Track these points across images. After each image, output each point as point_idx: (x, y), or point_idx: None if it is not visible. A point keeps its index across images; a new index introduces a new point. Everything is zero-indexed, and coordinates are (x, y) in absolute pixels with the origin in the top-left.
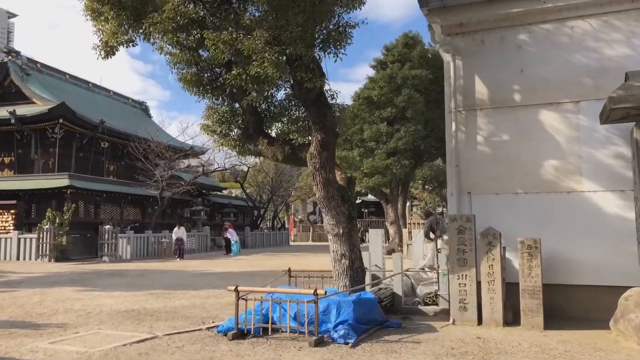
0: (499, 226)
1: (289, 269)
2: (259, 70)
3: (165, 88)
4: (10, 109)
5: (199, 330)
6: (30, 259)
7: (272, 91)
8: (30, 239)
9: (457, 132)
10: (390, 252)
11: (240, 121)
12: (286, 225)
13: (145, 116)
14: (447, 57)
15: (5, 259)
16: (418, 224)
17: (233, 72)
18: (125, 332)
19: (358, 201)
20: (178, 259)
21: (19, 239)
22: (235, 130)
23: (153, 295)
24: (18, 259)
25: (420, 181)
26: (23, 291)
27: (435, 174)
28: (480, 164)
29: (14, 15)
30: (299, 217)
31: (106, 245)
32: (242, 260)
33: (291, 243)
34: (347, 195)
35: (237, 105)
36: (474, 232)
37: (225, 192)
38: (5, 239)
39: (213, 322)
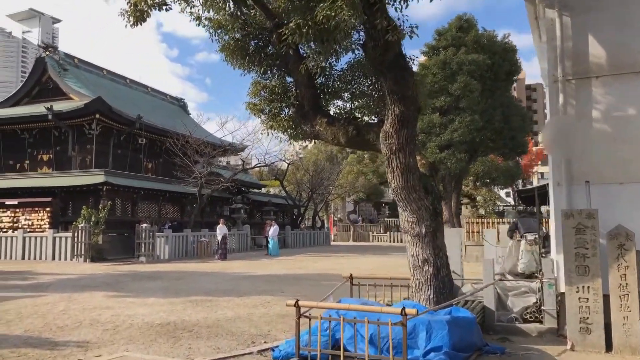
0: (627, 224)
1: (351, 275)
2: (328, 13)
3: (202, 90)
4: (48, 105)
5: (249, 354)
6: (65, 259)
7: (332, 60)
8: (66, 238)
9: (566, 106)
10: None
11: (293, 98)
12: (326, 225)
13: (183, 113)
14: (551, 13)
15: (40, 258)
16: (477, 222)
17: (291, 24)
18: (158, 355)
19: None
20: (218, 259)
21: (54, 238)
22: (287, 109)
23: (192, 302)
24: (53, 258)
25: (471, 178)
26: (49, 296)
27: (488, 169)
28: (597, 145)
29: (58, 21)
30: (338, 216)
31: (143, 245)
32: (285, 262)
33: (331, 243)
34: (431, 185)
35: (289, 79)
36: (597, 232)
37: (263, 190)
38: (41, 237)
39: (265, 341)
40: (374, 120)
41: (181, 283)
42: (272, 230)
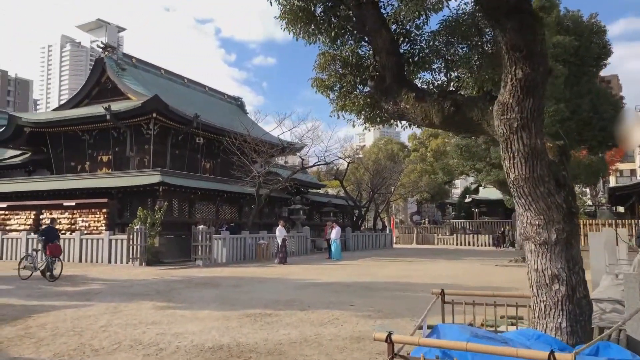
0: None
1: (442, 291)
2: None
3: (259, 94)
4: (107, 105)
5: None
6: (121, 262)
7: (418, 22)
8: (121, 240)
9: None
10: (525, 258)
11: (371, 68)
12: (387, 227)
13: (241, 112)
14: None
15: (96, 261)
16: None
17: None
18: None
19: (468, 199)
20: (278, 264)
21: (110, 241)
22: (362, 86)
23: (250, 317)
24: (110, 261)
25: None
26: (94, 307)
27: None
28: None
29: (123, 29)
30: (399, 217)
31: (200, 248)
32: (349, 267)
33: (394, 246)
34: (563, 176)
35: (364, 49)
36: None
37: (321, 190)
38: (97, 240)
39: None
40: (477, 93)
41: (238, 292)
42: (335, 233)
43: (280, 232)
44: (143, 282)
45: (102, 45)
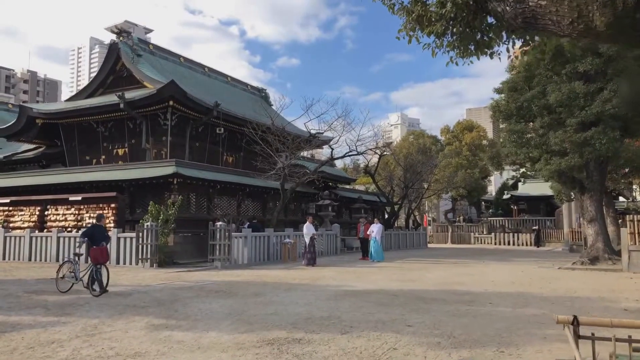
0: None
1: (575, 319)
2: None
3: (284, 94)
4: (120, 93)
5: None
6: (130, 263)
7: None
8: (130, 239)
9: None
10: (593, 260)
11: None
12: (421, 225)
13: (265, 103)
14: None
15: None
16: None
17: None
18: None
19: (506, 196)
20: (306, 265)
21: (117, 239)
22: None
23: (272, 346)
24: (117, 262)
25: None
26: (68, 326)
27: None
28: None
29: (150, 31)
30: (431, 215)
31: (218, 247)
32: (387, 270)
33: (428, 245)
34: None
35: None
36: None
37: (349, 185)
38: None
39: None
40: None
41: (259, 303)
42: (377, 230)
43: (308, 229)
44: (145, 290)
45: (116, 30)
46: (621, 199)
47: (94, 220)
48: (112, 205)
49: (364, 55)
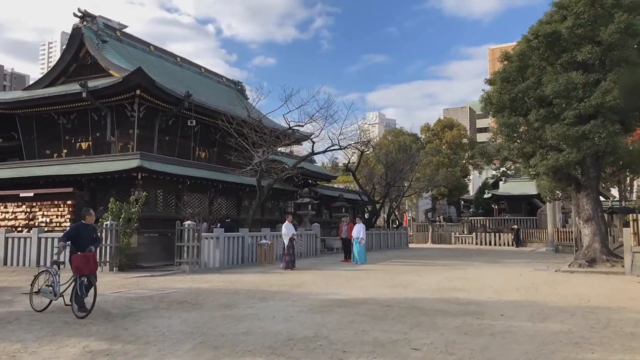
0: None
1: None
2: None
3: (260, 93)
4: (83, 81)
5: None
6: None
7: None
8: None
9: None
10: (590, 262)
11: None
12: (403, 224)
13: (241, 97)
14: None
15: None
16: None
17: None
18: None
19: (487, 195)
20: (284, 269)
21: None
22: None
23: None
24: (63, 262)
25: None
26: None
27: (623, 151)
28: None
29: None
30: (411, 214)
31: (186, 249)
32: (374, 273)
33: (409, 245)
34: None
35: None
36: None
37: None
38: (56, 239)
39: None
40: None
41: (228, 319)
42: (359, 230)
43: (287, 229)
44: (97, 299)
45: (79, 14)
46: (601, 198)
47: (88, 220)
48: (69, 202)
49: (340, 55)
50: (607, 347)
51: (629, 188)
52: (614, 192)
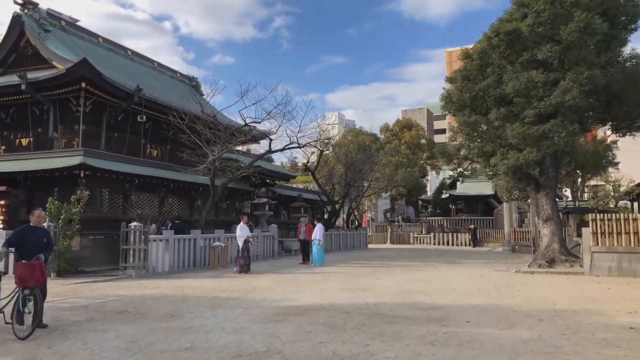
0: None
1: None
2: None
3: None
4: (23, 73)
5: None
6: None
7: None
8: None
9: None
10: (550, 262)
11: None
12: (362, 224)
13: (197, 93)
14: None
15: None
16: (612, 221)
17: None
18: None
19: (445, 195)
20: (238, 272)
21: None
22: None
23: None
24: (6, 272)
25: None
26: None
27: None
28: None
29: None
30: (370, 215)
31: (132, 253)
32: (333, 276)
33: (368, 246)
34: None
35: None
36: None
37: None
38: None
39: None
40: None
41: (172, 331)
42: (319, 231)
43: (242, 230)
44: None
45: (20, 1)
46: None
47: (34, 221)
48: (1, 202)
49: (300, 56)
50: (583, 357)
51: (580, 188)
52: (567, 192)
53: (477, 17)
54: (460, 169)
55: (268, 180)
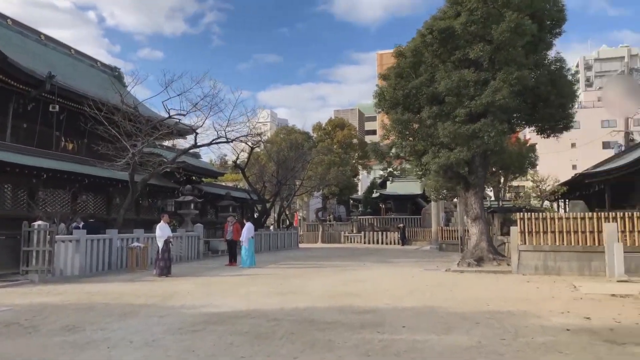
0: None
1: None
2: None
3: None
4: None
5: None
6: None
7: None
8: None
9: None
10: (478, 260)
11: None
12: (293, 224)
13: (119, 84)
14: None
15: None
16: (542, 220)
17: None
18: None
19: (375, 194)
20: (158, 275)
21: None
22: None
23: None
24: None
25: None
26: None
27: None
28: None
29: None
30: (301, 214)
31: (35, 255)
32: (261, 278)
33: (299, 245)
34: None
35: None
36: None
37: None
38: None
39: None
40: None
41: (67, 347)
42: (247, 231)
43: (162, 230)
44: None
45: None
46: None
47: None
48: None
49: (232, 53)
50: None
51: (502, 189)
52: (490, 193)
53: (405, 22)
54: (390, 169)
55: (194, 178)
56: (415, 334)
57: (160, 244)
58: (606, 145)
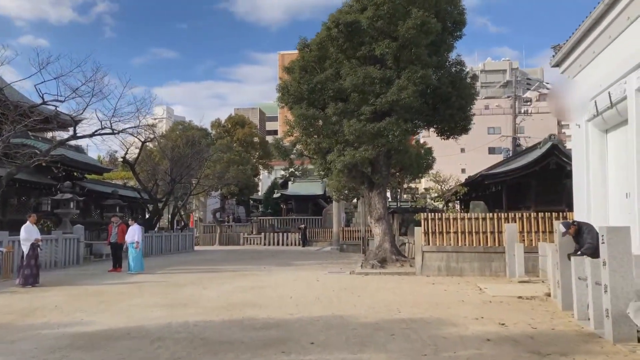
0: None
1: None
2: None
3: (21, 71)
4: None
5: None
6: None
7: None
8: None
9: None
10: (382, 262)
11: None
12: (189, 225)
13: None
14: None
15: None
16: (444, 220)
17: None
18: None
19: (276, 195)
20: (22, 285)
21: None
22: None
23: None
24: None
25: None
26: None
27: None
28: None
29: None
30: (198, 214)
31: None
32: (148, 287)
33: (195, 248)
34: None
35: None
36: None
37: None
38: None
39: None
40: None
41: None
42: (135, 233)
43: (27, 232)
44: None
45: None
46: None
47: None
48: None
49: (126, 46)
50: None
51: (400, 189)
52: (387, 193)
53: (306, 26)
54: (292, 169)
55: (76, 174)
56: (326, 353)
57: (25, 248)
58: (491, 150)
